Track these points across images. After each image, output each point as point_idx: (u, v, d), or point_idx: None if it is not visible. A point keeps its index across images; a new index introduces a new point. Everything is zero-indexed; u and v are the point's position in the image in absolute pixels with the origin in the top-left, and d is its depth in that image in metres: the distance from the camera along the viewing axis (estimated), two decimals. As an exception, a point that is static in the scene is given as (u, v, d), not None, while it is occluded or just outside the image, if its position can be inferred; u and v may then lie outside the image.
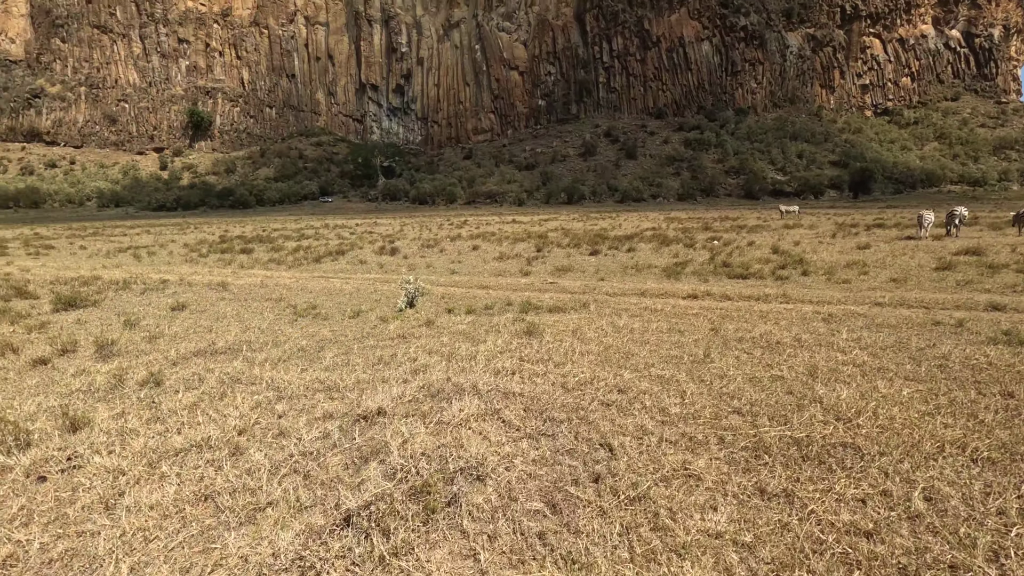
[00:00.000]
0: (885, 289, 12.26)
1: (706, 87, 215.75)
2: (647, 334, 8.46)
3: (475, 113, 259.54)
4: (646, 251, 21.87)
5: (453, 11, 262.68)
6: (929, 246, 20.46)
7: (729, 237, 27.28)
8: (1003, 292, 11.41)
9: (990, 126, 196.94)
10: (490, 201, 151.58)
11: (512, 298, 12.37)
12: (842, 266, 15.85)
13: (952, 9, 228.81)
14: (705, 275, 15.08)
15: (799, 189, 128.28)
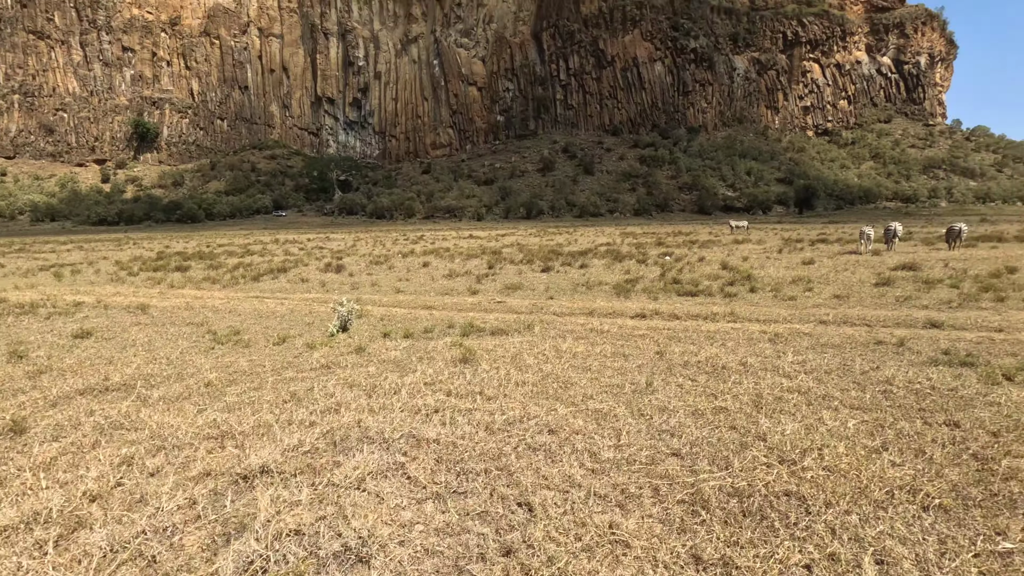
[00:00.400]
0: (829, 306, 12.26)
1: (659, 106, 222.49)
2: (590, 359, 7.99)
3: (433, 128, 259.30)
4: (599, 267, 21.66)
5: (411, 26, 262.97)
6: (869, 261, 21.03)
7: (681, 252, 27.49)
8: (939, 308, 11.55)
9: (919, 147, 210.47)
10: (449, 216, 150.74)
11: (455, 319, 11.74)
12: (788, 282, 15.95)
13: (883, 38, 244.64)
14: (655, 292, 14.86)
15: (748, 205, 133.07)
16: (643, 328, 10.34)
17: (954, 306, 11.68)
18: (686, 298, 14.02)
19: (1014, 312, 10.93)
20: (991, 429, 4.92)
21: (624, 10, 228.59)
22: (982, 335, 9.06)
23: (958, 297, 12.50)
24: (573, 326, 10.67)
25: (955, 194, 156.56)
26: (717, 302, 13.27)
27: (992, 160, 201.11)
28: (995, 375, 6.59)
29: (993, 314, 10.79)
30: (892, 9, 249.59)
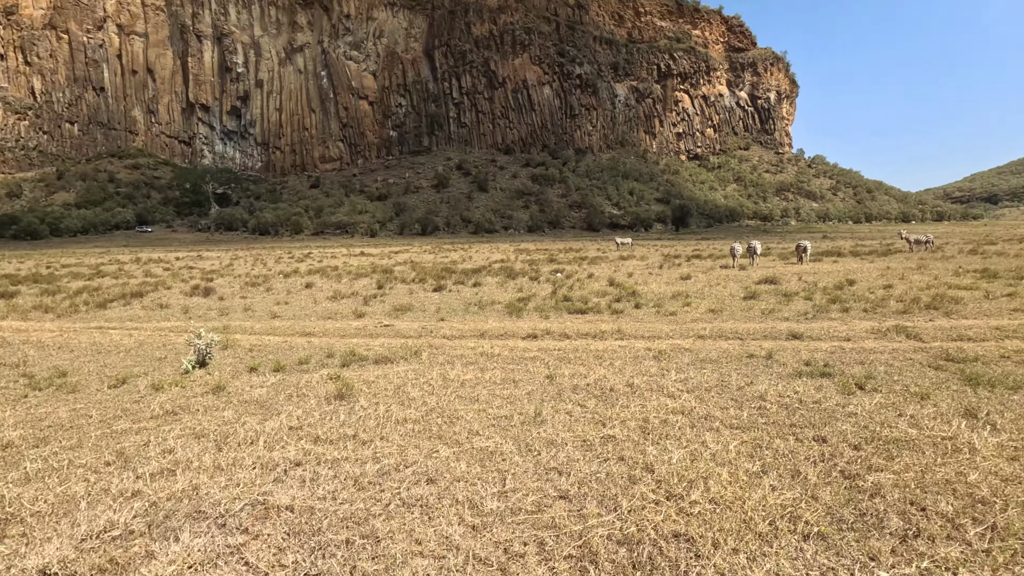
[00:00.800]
0: (705, 320, 12.95)
1: (549, 127, 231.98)
2: (479, 387, 7.56)
3: (323, 141, 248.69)
4: (492, 285, 21.48)
5: (296, 35, 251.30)
6: (738, 276, 22.91)
7: (571, 269, 28.24)
8: (798, 320, 12.64)
9: (773, 172, 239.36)
10: (340, 232, 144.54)
11: (336, 347, 10.78)
12: (669, 297, 16.78)
13: (740, 75, 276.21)
14: (547, 311, 14.87)
15: (632, 222, 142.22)
16: (534, 350, 10.14)
17: (809, 317, 12.84)
18: (576, 316, 14.16)
19: (856, 321, 12.22)
20: (853, 442, 5.18)
21: (514, 34, 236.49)
22: (834, 344, 9.93)
23: (812, 309, 13.81)
24: (463, 350, 10.21)
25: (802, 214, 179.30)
26: (605, 319, 13.52)
27: (829, 184, 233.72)
28: (849, 385, 7.12)
29: (840, 324, 11.98)
30: (746, 50, 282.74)
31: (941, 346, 9.64)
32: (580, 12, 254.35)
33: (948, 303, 13.93)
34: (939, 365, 8.26)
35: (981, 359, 8.56)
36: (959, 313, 12.71)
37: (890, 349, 9.52)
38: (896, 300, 14.81)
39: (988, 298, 14.82)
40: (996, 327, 11.05)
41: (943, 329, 11.05)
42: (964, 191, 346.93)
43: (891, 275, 21.77)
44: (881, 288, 17.72)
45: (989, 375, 7.54)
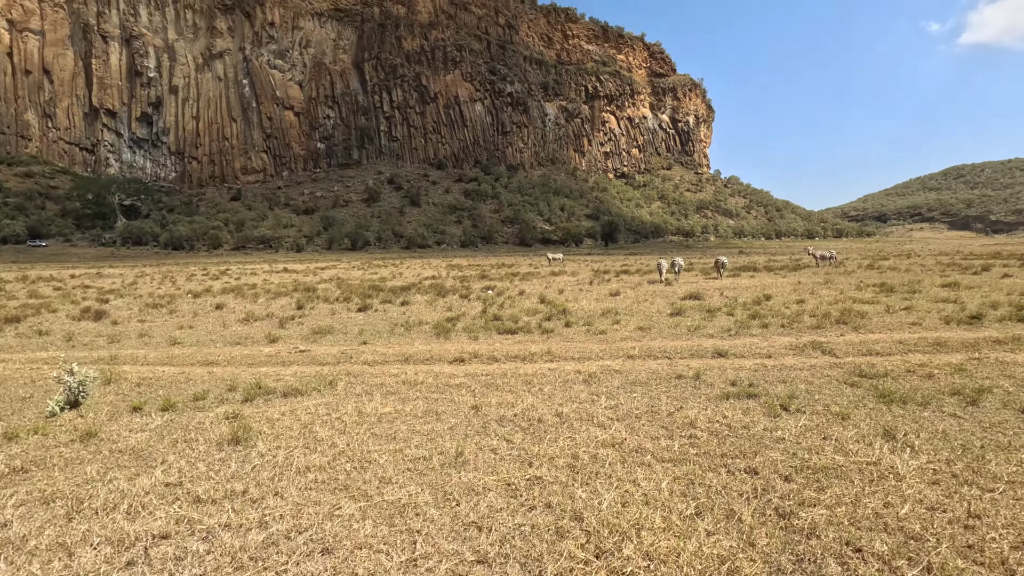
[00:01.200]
0: (635, 338, 12.92)
1: (481, 143, 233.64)
2: (398, 422, 6.90)
3: (244, 151, 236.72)
4: (421, 304, 20.70)
5: (215, 40, 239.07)
6: (664, 291, 23.44)
7: (503, 286, 27.93)
8: (722, 336, 12.87)
9: (693, 191, 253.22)
10: (264, 247, 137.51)
11: (241, 378, 9.71)
12: (599, 315, 16.75)
13: (662, 99, 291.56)
14: (476, 331, 14.36)
15: (564, 238, 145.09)
16: (461, 375, 9.58)
17: (732, 334, 13.12)
18: (506, 336, 13.74)
19: (776, 337, 12.59)
20: (784, 473, 5.02)
21: (445, 50, 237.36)
22: (757, 362, 10.08)
23: (735, 325, 14.15)
24: (385, 378, 9.47)
25: (720, 230, 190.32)
26: (536, 339, 13.20)
27: (743, 203, 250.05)
28: (774, 406, 7.10)
29: (761, 340, 12.29)
30: (667, 76, 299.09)
31: (853, 361, 10.01)
32: (510, 32, 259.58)
33: (855, 317, 14.74)
34: (854, 382, 8.49)
35: (890, 374, 8.91)
36: (866, 327, 13.42)
37: (808, 365, 9.77)
38: (809, 315, 15.52)
39: (889, 312, 15.85)
40: (899, 341, 11.69)
41: (854, 344, 11.55)
42: (859, 210, 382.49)
43: (802, 290, 23.05)
44: (795, 303, 18.62)
45: (900, 391, 7.79)
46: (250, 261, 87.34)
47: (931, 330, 12.92)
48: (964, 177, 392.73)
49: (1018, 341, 11.24)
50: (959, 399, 7.41)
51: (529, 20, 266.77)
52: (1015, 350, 10.65)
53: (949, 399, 7.44)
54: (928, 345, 11.19)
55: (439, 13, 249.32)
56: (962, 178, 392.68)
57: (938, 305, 17.01)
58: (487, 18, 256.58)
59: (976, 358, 10.02)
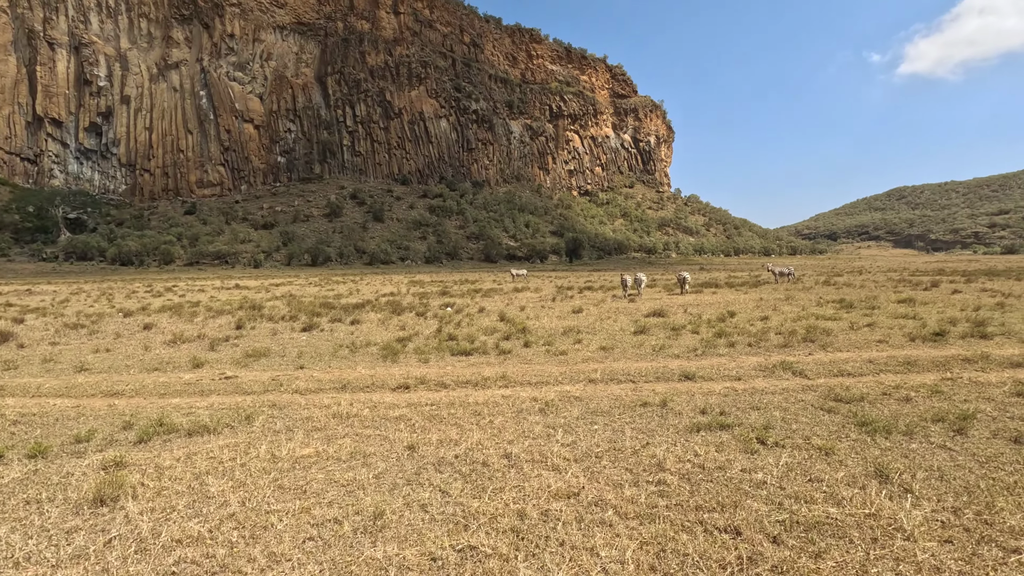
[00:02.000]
0: (597, 359, 12.09)
1: (446, 159, 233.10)
2: (314, 469, 5.77)
3: (200, 164, 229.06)
4: (373, 323, 19.43)
5: (171, 51, 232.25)
6: (627, 308, 22.84)
7: (463, 303, 26.87)
8: (688, 356, 12.17)
9: (655, 208, 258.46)
10: (220, 262, 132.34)
11: (144, 413, 8.35)
12: (560, 333, 15.90)
13: (624, 119, 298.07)
14: (428, 353, 13.26)
15: (528, 254, 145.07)
16: (403, 405, 8.48)
17: (699, 354, 12.44)
18: (460, 358, 12.69)
19: (744, 357, 11.97)
20: (771, 532, 4.16)
21: (410, 67, 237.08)
22: (727, 386, 9.34)
23: (700, 344, 13.50)
24: (315, 410, 8.29)
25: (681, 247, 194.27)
26: (491, 361, 12.20)
27: (703, 221, 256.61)
28: (750, 439, 6.31)
29: (729, 360, 11.64)
30: (629, 97, 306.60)
31: (826, 384, 9.40)
32: (475, 50, 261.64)
33: (821, 335, 14.33)
34: (830, 407, 7.82)
35: (866, 398, 8.29)
36: (833, 345, 12.97)
37: (780, 388, 9.10)
38: (775, 333, 15.05)
39: (853, 329, 15.55)
40: (869, 360, 11.22)
41: (823, 364, 11.01)
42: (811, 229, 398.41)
43: (765, 306, 22.85)
44: (759, 320, 18.24)
45: (880, 419, 7.14)
46: (202, 277, 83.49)
47: (898, 348, 12.55)
48: (906, 198, 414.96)
49: (986, 359, 10.91)
50: (944, 427, 6.79)
51: (494, 39, 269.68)
52: (985, 369, 10.27)
53: (933, 427, 6.81)
54: (898, 364, 10.73)
55: (404, 30, 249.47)
56: (904, 199, 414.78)
57: (899, 321, 16.87)
58: (452, 36, 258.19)
59: (949, 378, 9.56)
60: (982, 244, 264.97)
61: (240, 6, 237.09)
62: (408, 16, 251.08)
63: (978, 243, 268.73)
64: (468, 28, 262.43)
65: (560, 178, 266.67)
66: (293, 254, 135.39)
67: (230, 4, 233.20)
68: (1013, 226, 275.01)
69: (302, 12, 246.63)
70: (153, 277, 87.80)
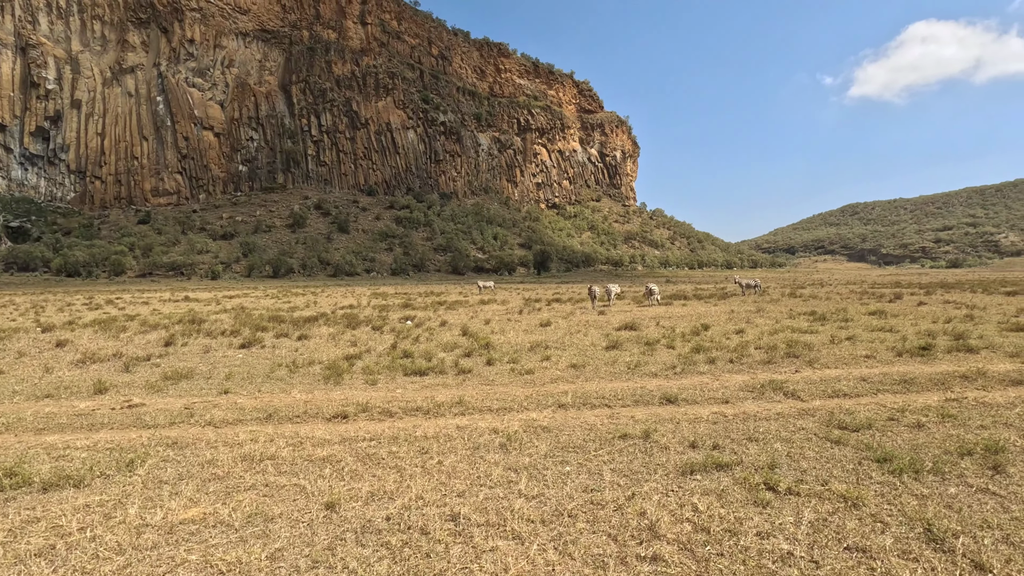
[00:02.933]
0: (567, 379, 10.82)
1: (413, 171, 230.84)
2: (191, 543, 4.26)
3: (156, 172, 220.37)
4: (323, 338, 17.72)
5: (126, 55, 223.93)
6: (598, 321, 21.74)
7: (425, 316, 25.32)
8: (667, 375, 11.02)
9: (621, 222, 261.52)
10: (175, 274, 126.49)
11: (8, 451, 6.61)
12: (527, 349, 14.61)
13: (590, 134, 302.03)
14: (378, 372, 11.74)
15: (497, 266, 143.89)
16: (335, 441, 6.98)
17: (678, 372, 11.31)
18: (414, 379, 11.22)
19: (727, 375, 10.90)
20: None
21: (377, 77, 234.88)
22: (714, 411, 8.18)
23: (678, 360, 12.40)
24: (222, 450, 6.71)
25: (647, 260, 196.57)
26: (449, 382, 10.78)
27: (668, 235, 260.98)
28: (757, 486, 5.11)
29: (712, 379, 10.54)
30: (595, 112, 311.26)
31: (823, 407, 8.35)
32: (444, 63, 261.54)
33: (803, 349, 13.45)
34: (837, 437, 6.72)
35: (873, 425, 7.25)
36: (819, 362, 12.04)
37: (775, 413, 7.99)
38: (755, 347, 14.12)
39: (834, 343, 14.76)
40: (861, 378, 10.29)
41: (814, 383, 10.01)
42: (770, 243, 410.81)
43: (737, 318, 22.11)
44: (735, 333, 17.37)
45: (899, 453, 6.06)
46: (152, 289, 79.11)
47: (887, 364, 11.71)
48: (859, 214, 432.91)
49: (984, 376, 10.11)
50: (976, 463, 5.74)
51: (462, 52, 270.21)
52: (987, 387, 9.44)
53: (964, 463, 5.76)
54: (894, 383, 9.82)
55: (371, 40, 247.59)
56: (857, 215, 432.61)
57: (878, 335, 16.22)
58: (420, 48, 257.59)
59: (954, 399, 8.64)
60: (929, 258, 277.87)
61: (201, 11, 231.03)
62: (375, 27, 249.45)
63: (925, 257, 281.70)
64: (436, 41, 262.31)
65: (528, 191, 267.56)
66: (254, 265, 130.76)
67: (190, 9, 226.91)
68: (956, 241, 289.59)
69: (266, 19, 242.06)
70: (100, 289, 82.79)
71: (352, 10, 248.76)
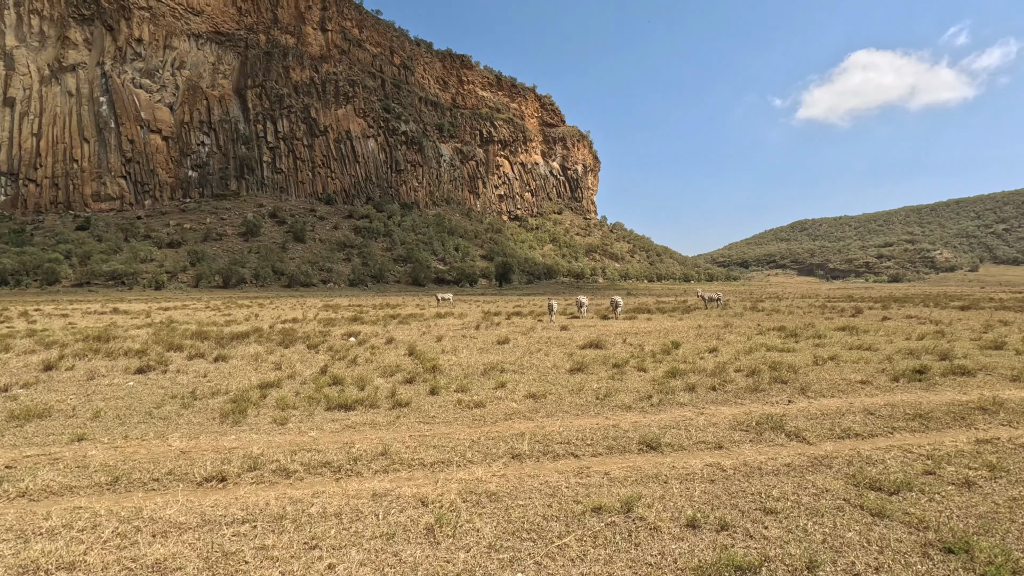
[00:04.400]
0: (524, 414, 8.94)
1: (373, 180, 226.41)
2: None
3: (98, 176, 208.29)
4: (246, 359, 15.27)
5: (67, 52, 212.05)
6: (560, 338, 19.99)
7: (373, 331, 22.99)
8: (643, 409, 9.28)
9: (582, 235, 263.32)
10: (115, 283, 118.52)
11: None
12: (480, 373, 12.65)
13: (552, 147, 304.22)
14: (294, 407, 9.56)
15: (458, 278, 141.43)
16: (190, 527, 4.85)
17: (655, 403, 9.59)
18: (336, 414, 9.09)
19: (712, 407, 9.25)
20: None
21: (337, 84, 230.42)
22: (709, 463, 6.44)
23: (653, 388, 10.70)
24: (3, 548, 4.49)
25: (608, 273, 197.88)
26: (379, 419, 8.71)
27: (628, 248, 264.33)
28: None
29: (696, 413, 8.86)
30: (557, 126, 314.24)
31: (837, 453, 6.74)
32: (406, 72, 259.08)
33: (788, 372, 12.00)
34: (876, 507, 5.05)
35: (912, 484, 5.64)
36: (812, 389, 10.56)
37: (783, 465, 6.31)
38: (735, 370, 12.61)
39: (818, 364, 13.42)
40: (866, 411, 8.80)
41: (814, 417, 8.46)
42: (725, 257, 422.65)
43: (707, 335, 20.81)
44: (707, 352, 15.92)
45: (969, 537, 4.43)
46: (84, 300, 73.06)
47: (886, 391, 10.33)
48: (807, 230, 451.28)
49: (1003, 407, 8.79)
50: (1081, 552, 4.15)
51: (425, 63, 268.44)
52: (1012, 423, 8.08)
53: (1064, 552, 4.16)
54: (907, 418, 8.35)
55: (331, 47, 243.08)
56: (805, 231, 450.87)
57: (860, 354, 15.03)
58: (382, 57, 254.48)
59: (986, 440, 7.19)
60: (872, 273, 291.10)
61: (150, 10, 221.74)
62: (336, 34, 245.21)
63: (869, 272, 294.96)
64: (399, 50, 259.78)
65: (491, 202, 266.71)
66: (202, 275, 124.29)
67: (139, 7, 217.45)
68: (896, 257, 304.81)
69: (220, 21, 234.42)
70: (27, 299, 75.99)
71: (312, 16, 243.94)
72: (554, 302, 32.24)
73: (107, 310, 45.86)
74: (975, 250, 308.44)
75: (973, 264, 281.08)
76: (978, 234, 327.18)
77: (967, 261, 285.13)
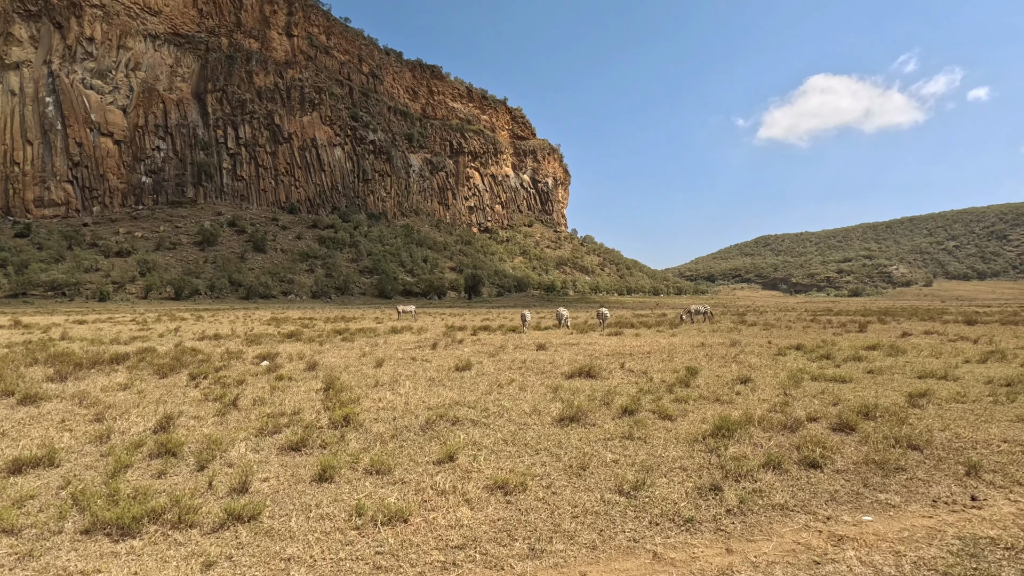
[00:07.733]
0: (484, 551, 4.37)
1: (340, 189, 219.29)
2: None
3: (42, 180, 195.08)
4: (66, 400, 10.26)
5: (10, 48, 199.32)
6: (537, 362, 15.46)
7: (300, 351, 18.00)
8: (718, 525, 4.82)
9: (552, 248, 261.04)
10: (55, 294, 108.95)
11: None
12: (419, 427, 8.04)
13: (523, 160, 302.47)
14: (21, 529, 4.76)
15: (426, 290, 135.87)
16: None
17: (734, 506, 5.13)
18: (98, 543, 4.35)
19: (826, 508, 4.86)
20: None
21: (302, 91, 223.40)
22: None
23: (708, 462, 6.28)
24: None
25: (578, 286, 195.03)
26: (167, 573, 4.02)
27: (598, 261, 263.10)
28: None
29: (822, 537, 4.47)
30: (528, 139, 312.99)
31: None
32: (375, 81, 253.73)
33: (898, 425, 7.78)
34: None
35: None
36: (983, 468, 6.30)
37: None
38: (808, 418, 8.33)
39: (916, 405, 9.25)
40: None
41: None
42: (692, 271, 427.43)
43: (718, 356, 16.66)
44: (739, 383, 11.68)
45: None
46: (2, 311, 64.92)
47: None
48: (770, 245, 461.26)
49: None
50: None
51: (394, 72, 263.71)
52: None
53: None
54: None
55: (297, 53, 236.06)
56: (769, 246, 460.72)
57: (946, 386, 10.99)
58: (350, 64, 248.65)
59: None
60: (833, 287, 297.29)
61: (103, 8, 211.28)
62: (302, 40, 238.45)
63: (830, 286, 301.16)
64: (367, 58, 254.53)
65: (461, 214, 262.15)
66: (152, 286, 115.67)
67: (90, 5, 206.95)
68: (855, 272, 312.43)
69: (179, 23, 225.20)
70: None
71: (277, 20, 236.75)
72: (527, 313, 27.90)
73: (6, 323, 39.22)
74: (928, 265, 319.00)
75: (927, 279, 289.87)
76: (931, 250, 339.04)
77: (922, 276, 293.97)
